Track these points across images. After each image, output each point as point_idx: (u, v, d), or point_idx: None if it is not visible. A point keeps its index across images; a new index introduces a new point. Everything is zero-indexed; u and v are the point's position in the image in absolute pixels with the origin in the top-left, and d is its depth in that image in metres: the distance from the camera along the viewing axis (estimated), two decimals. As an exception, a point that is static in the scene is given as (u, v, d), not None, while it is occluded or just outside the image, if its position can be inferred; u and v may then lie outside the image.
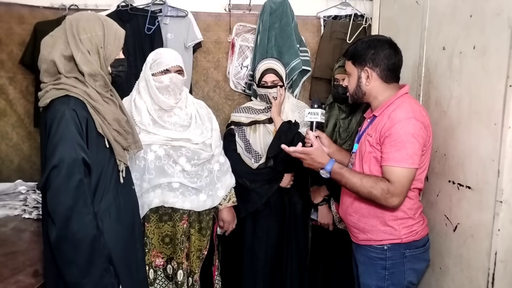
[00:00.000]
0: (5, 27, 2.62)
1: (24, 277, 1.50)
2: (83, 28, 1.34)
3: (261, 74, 2.16)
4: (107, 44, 1.39)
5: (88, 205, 1.26)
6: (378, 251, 1.60)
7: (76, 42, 1.32)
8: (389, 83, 1.61)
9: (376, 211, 1.58)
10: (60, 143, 1.23)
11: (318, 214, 2.19)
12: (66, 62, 1.33)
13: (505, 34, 1.31)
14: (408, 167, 1.48)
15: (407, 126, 1.49)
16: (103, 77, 1.37)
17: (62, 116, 1.25)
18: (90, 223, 1.26)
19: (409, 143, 1.47)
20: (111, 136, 1.38)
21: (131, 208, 1.52)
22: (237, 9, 2.70)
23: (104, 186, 1.37)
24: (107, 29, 1.39)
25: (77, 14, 1.40)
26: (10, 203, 2.12)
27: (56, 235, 1.22)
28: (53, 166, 1.21)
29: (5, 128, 2.72)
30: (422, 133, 1.50)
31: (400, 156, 1.48)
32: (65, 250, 1.23)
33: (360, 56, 1.61)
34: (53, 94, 1.30)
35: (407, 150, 1.47)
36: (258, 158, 2.15)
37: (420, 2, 1.86)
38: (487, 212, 1.40)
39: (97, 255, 1.27)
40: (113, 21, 1.45)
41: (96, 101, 1.34)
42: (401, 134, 1.48)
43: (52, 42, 1.34)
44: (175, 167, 1.78)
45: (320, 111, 1.81)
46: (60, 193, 1.22)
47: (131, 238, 1.49)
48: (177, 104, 1.82)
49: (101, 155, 1.36)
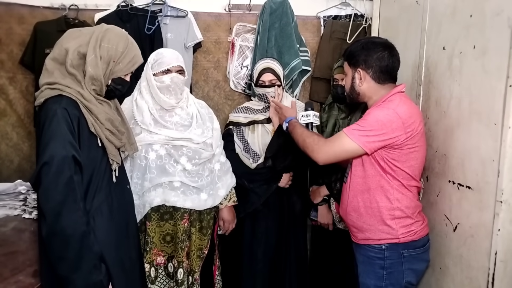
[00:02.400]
0: (5, 27, 2.62)
1: (24, 277, 1.50)
2: (108, 38, 1.40)
3: (258, 73, 2.16)
4: (120, 61, 1.43)
5: (77, 201, 1.28)
6: (376, 251, 1.61)
7: (95, 46, 1.37)
8: (383, 84, 1.62)
9: (374, 210, 1.59)
10: (51, 141, 1.25)
11: (318, 214, 2.19)
12: (77, 57, 1.36)
13: (505, 34, 1.31)
14: (355, 141, 1.52)
15: (378, 112, 1.53)
16: (100, 84, 1.40)
17: (54, 115, 1.28)
18: (80, 219, 1.28)
19: (370, 125, 1.51)
20: (104, 135, 1.40)
21: (124, 207, 1.53)
22: (237, 9, 2.70)
23: (96, 185, 1.39)
24: (129, 50, 1.44)
25: (112, 26, 1.47)
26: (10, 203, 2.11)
27: (47, 230, 1.24)
28: (43, 163, 1.24)
29: (5, 128, 2.72)
30: (394, 124, 1.49)
31: (356, 131, 1.53)
32: (55, 245, 1.26)
33: (354, 58, 1.64)
34: (47, 94, 1.33)
35: (364, 130, 1.52)
36: (257, 158, 2.15)
37: (420, 2, 1.86)
38: (487, 212, 1.40)
39: (86, 251, 1.29)
40: (139, 49, 1.50)
41: (89, 101, 1.36)
42: (369, 117, 1.54)
43: (76, 35, 1.39)
44: (176, 166, 1.78)
45: (311, 112, 1.91)
46: (50, 189, 1.24)
47: (124, 237, 1.50)
48: (178, 104, 1.82)
49: (93, 154, 1.38)
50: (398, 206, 1.57)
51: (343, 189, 1.74)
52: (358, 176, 1.63)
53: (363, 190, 1.62)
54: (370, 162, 1.58)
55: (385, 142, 1.51)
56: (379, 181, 1.58)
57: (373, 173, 1.58)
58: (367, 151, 1.53)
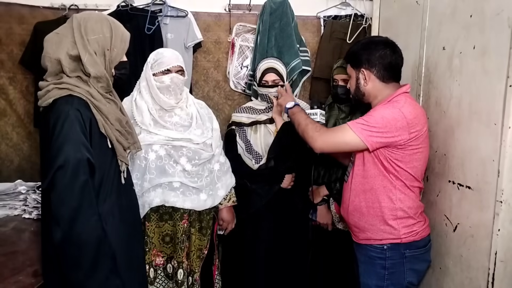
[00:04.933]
0: (5, 27, 2.62)
1: (24, 277, 1.50)
2: (91, 29, 1.33)
3: (262, 73, 2.16)
4: (114, 46, 1.37)
5: (93, 206, 1.24)
6: (378, 251, 1.60)
7: (84, 43, 1.31)
8: (387, 83, 1.61)
9: (376, 210, 1.59)
10: (65, 144, 1.21)
11: (317, 214, 2.19)
12: (70, 61, 1.31)
13: (505, 34, 1.31)
14: (357, 135, 1.51)
15: (384, 109, 1.53)
16: (107, 79, 1.36)
17: (67, 116, 1.23)
18: (96, 224, 1.24)
19: (375, 121, 1.51)
20: (114, 136, 1.36)
21: (133, 209, 1.52)
22: (237, 9, 2.70)
23: (107, 187, 1.35)
24: (114, 31, 1.38)
25: (85, 14, 1.39)
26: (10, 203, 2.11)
27: (61, 237, 1.20)
28: (58, 167, 1.19)
29: (5, 128, 2.72)
30: (398, 123, 1.49)
31: (360, 125, 1.52)
32: (69, 252, 1.21)
33: (356, 58, 1.64)
34: (55, 94, 1.28)
35: (368, 125, 1.51)
36: (259, 158, 2.14)
37: (420, 2, 1.86)
38: (487, 212, 1.40)
39: (103, 257, 1.25)
40: (119, 23, 1.43)
41: (99, 101, 1.33)
42: (375, 113, 1.54)
43: (57, 40, 1.32)
44: (176, 167, 1.78)
45: (319, 111, 1.88)
46: (65, 194, 1.20)
47: (133, 238, 1.49)
48: (178, 104, 1.82)
49: (104, 156, 1.35)
50: (401, 206, 1.57)
51: (344, 188, 1.74)
52: (360, 175, 1.63)
53: (365, 190, 1.61)
54: (373, 162, 1.58)
55: (387, 140, 1.51)
56: (381, 181, 1.58)
57: (376, 173, 1.58)
58: (368, 146, 1.52)
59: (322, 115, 1.89)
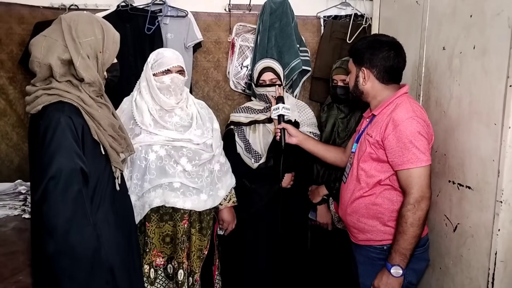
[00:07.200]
0: (5, 27, 2.62)
1: (24, 277, 1.50)
2: (82, 31, 1.27)
3: (259, 73, 2.16)
4: (106, 48, 1.33)
5: (87, 216, 1.21)
6: (377, 251, 1.60)
7: (76, 46, 1.25)
8: (387, 84, 1.61)
9: (375, 212, 1.58)
10: (57, 153, 1.16)
11: (317, 213, 2.19)
12: (62, 65, 1.25)
13: (505, 34, 1.31)
14: (424, 165, 1.47)
15: (411, 125, 1.48)
16: (99, 84, 1.31)
17: (58, 124, 1.18)
18: (90, 235, 1.21)
19: (417, 141, 1.47)
20: (107, 142, 1.32)
21: (128, 216, 1.50)
22: (237, 9, 2.71)
23: (101, 195, 1.31)
24: (106, 32, 1.33)
25: (74, 15, 1.32)
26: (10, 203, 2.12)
27: (54, 249, 1.15)
28: (50, 177, 1.15)
29: (5, 128, 2.72)
30: (426, 129, 1.51)
31: (413, 156, 1.46)
32: (63, 265, 1.17)
33: (359, 56, 1.62)
34: (45, 100, 1.23)
35: (418, 149, 1.46)
36: (258, 158, 2.14)
37: (420, 2, 1.86)
38: (487, 212, 1.40)
39: (98, 269, 1.22)
40: (110, 24, 1.38)
41: (91, 106, 1.28)
42: (408, 134, 1.47)
43: (46, 44, 1.26)
44: (176, 167, 1.78)
45: (280, 105, 1.97)
46: (58, 205, 1.15)
47: (129, 246, 1.46)
48: (178, 104, 1.82)
49: (97, 163, 1.30)
50: None
51: (342, 189, 1.73)
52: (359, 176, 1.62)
53: (364, 191, 1.61)
54: (372, 163, 1.58)
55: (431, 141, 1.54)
56: (381, 182, 1.58)
57: (375, 174, 1.58)
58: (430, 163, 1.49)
59: (284, 109, 1.97)
